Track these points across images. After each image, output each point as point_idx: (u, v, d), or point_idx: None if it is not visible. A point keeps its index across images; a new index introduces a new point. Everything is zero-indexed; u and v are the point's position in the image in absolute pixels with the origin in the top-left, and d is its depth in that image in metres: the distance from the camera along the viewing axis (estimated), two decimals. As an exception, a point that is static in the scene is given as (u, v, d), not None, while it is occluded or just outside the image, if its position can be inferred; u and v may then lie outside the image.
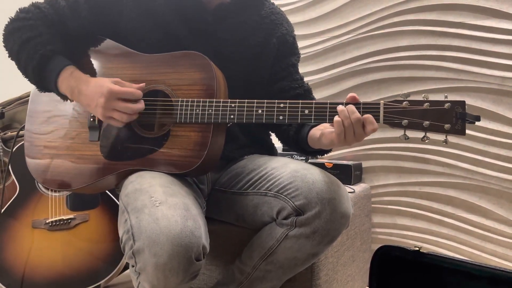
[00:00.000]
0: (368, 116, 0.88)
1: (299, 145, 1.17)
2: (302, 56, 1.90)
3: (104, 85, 0.99)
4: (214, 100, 1.00)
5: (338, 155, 1.89)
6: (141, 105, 1.01)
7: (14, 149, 1.54)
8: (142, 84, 1.04)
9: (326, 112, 0.93)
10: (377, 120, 0.89)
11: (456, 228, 1.67)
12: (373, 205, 1.81)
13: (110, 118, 1.01)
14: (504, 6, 1.54)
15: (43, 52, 1.04)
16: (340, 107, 0.90)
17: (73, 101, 1.10)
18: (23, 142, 1.22)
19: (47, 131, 1.17)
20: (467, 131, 1.59)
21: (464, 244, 1.65)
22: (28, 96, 1.26)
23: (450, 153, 1.66)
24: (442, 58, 1.65)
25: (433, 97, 0.88)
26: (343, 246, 1.38)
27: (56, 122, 1.17)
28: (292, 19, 1.94)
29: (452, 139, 1.63)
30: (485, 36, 1.58)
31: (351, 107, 0.89)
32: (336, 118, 0.90)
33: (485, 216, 1.62)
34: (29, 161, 1.17)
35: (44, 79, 1.08)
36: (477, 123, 1.56)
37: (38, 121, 1.19)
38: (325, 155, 1.22)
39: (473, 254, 1.63)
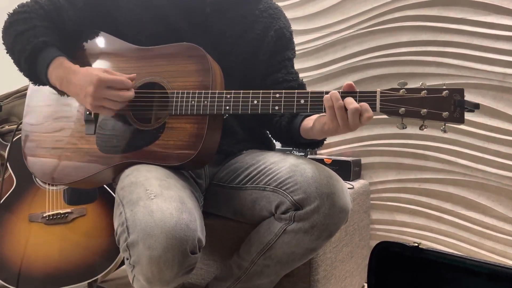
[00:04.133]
0: (356, 103, 0.86)
1: (291, 137, 1.14)
2: (302, 51, 1.91)
3: (93, 74, 0.97)
4: (210, 91, 0.99)
5: (337, 151, 1.88)
6: (131, 93, 0.99)
7: (12, 142, 1.54)
8: (134, 75, 1.02)
9: (322, 101, 0.91)
10: (374, 108, 0.87)
11: (455, 225, 1.66)
12: (372, 202, 1.80)
13: (100, 107, 0.99)
14: (505, 2, 1.53)
15: (35, 44, 1.03)
16: (325, 96, 0.89)
17: (63, 94, 1.09)
18: (20, 135, 1.21)
19: (44, 125, 1.17)
20: (467, 128, 1.61)
21: (463, 241, 1.65)
22: (26, 89, 1.26)
23: (449, 150, 1.65)
24: (442, 54, 1.64)
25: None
26: (341, 242, 1.38)
27: (53, 116, 1.16)
28: (292, 14, 1.94)
29: (451, 135, 1.65)
30: (486, 32, 1.57)
31: (335, 94, 0.87)
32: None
33: (484, 213, 1.61)
34: (26, 155, 1.17)
35: (35, 70, 1.07)
36: (477, 119, 1.59)
37: (35, 115, 1.19)
38: (317, 148, 1.21)
39: (471, 251, 1.63)
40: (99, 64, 1.12)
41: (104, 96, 0.97)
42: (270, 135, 1.29)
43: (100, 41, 1.14)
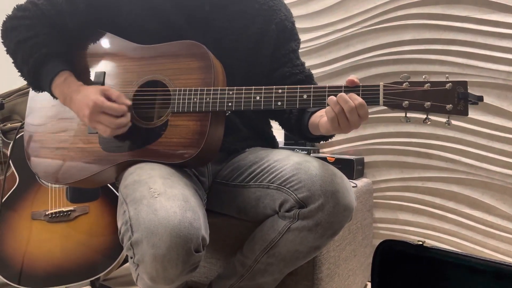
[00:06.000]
0: (360, 101, 0.87)
1: (303, 133, 1.17)
2: (305, 49, 1.91)
3: (90, 97, 0.98)
4: (212, 88, 0.99)
5: (340, 149, 1.88)
6: (125, 120, 1.00)
7: (14, 140, 1.53)
8: (128, 102, 1.02)
9: (325, 96, 0.91)
10: (377, 102, 0.87)
11: (459, 224, 1.65)
12: (375, 200, 1.80)
13: (96, 129, 1.02)
14: (510, 0, 1.52)
15: (38, 56, 1.04)
16: (330, 99, 0.88)
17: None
18: (22, 133, 1.21)
19: (46, 126, 1.16)
20: (471, 126, 1.61)
21: (467, 240, 1.64)
22: (28, 88, 1.25)
23: (453, 148, 1.64)
24: (446, 53, 1.64)
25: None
26: (344, 241, 1.37)
27: (55, 117, 1.16)
28: (295, 12, 1.93)
29: (455, 134, 1.64)
30: (490, 30, 1.56)
31: (343, 96, 0.87)
32: (327, 107, 0.89)
33: (488, 212, 1.61)
34: (29, 155, 1.16)
35: (38, 82, 1.08)
36: (481, 118, 1.58)
37: (37, 115, 1.19)
38: (329, 140, 1.22)
39: (475, 250, 1.62)
40: (102, 64, 1.12)
41: (98, 120, 0.99)
42: (285, 131, 1.30)
43: (102, 41, 1.14)
